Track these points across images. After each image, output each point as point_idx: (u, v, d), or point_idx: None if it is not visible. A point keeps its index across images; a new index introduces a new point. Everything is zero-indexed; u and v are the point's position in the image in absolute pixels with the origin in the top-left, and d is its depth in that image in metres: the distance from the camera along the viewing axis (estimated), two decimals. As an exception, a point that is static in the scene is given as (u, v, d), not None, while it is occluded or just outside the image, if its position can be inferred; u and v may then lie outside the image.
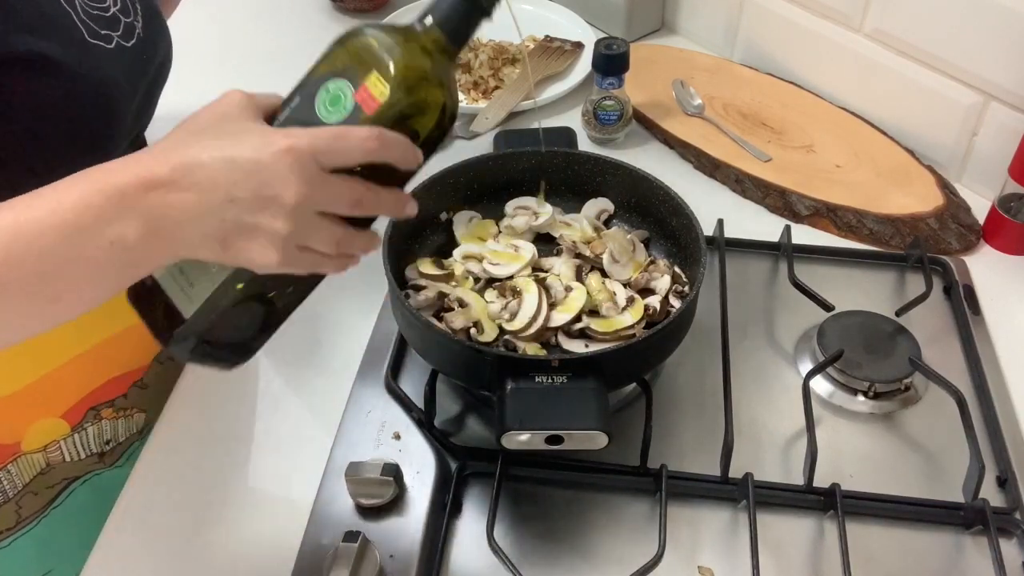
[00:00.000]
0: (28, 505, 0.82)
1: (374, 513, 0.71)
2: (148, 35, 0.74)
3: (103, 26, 0.69)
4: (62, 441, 0.81)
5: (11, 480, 0.79)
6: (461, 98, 1.15)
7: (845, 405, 0.81)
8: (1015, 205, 0.96)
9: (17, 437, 0.78)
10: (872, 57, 1.09)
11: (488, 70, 1.21)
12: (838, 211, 1.00)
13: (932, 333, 0.87)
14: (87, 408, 0.82)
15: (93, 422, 0.83)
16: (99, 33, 0.68)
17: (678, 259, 0.84)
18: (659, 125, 1.13)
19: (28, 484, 0.81)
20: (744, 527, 0.70)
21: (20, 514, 0.82)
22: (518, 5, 1.36)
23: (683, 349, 0.77)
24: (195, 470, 0.77)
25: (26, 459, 0.79)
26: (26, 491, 0.81)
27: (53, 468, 0.82)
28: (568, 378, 0.66)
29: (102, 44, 0.68)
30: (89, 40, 0.67)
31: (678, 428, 0.79)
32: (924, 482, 0.75)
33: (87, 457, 0.84)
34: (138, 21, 0.74)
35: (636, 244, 0.85)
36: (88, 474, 0.85)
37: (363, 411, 0.79)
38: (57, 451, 0.81)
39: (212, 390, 0.84)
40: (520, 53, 0.82)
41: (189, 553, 0.71)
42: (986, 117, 1.01)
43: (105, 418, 0.84)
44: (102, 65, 0.67)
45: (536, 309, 0.76)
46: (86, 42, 0.66)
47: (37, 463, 0.80)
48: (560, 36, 1.29)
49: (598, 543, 0.71)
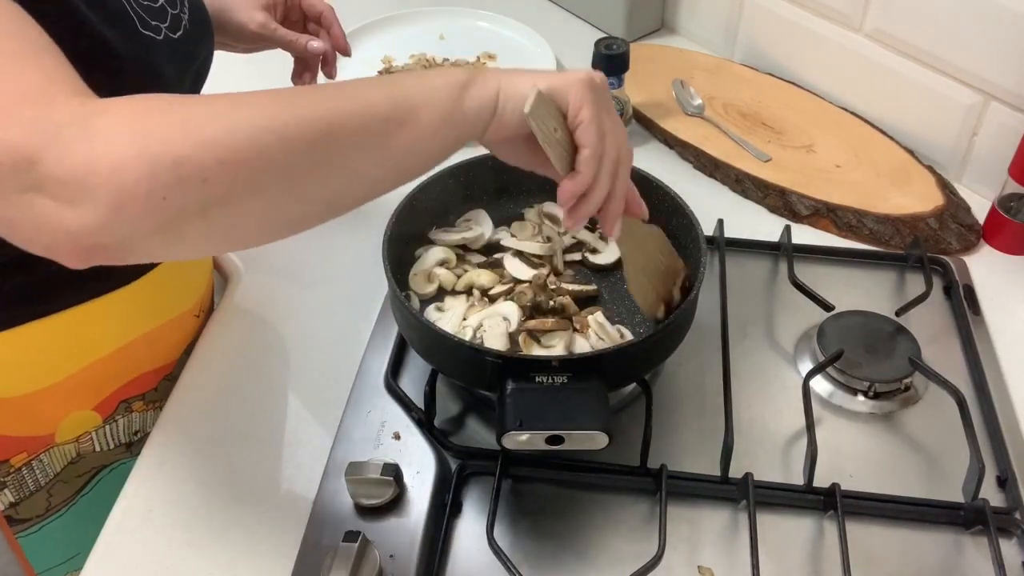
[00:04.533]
0: (59, 493, 0.84)
1: (374, 513, 0.71)
2: (194, 28, 0.75)
3: (153, 17, 0.69)
4: (93, 432, 0.83)
5: (43, 469, 0.82)
6: None
7: (845, 405, 0.81)
8: (1015, 205, 0.96)
9: (51, 429, 0.80)
10: (872, 57, 1.09)
11: None
12: (838, 211, 1.00)
13: (932, 333, 0.87)
14: (119, 401, 0.83)
15: (124, 414, 0.85)
16: (150, 24, 0.68)
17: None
18: (659, 125, 1.13)
19: (59, 473, 0.83)
20: (744, 527, 0.70)
21: (51, 502, 0.84)
22: (474, 22, 1.35)
23: (683, 349, 0.77)
24: (195, 470, 0.77)
25: (58, 449, 0.82)
26: (57, 480, 0.83)
27: (83, 458, 0.84)
28: (568, 378, 0.66)
29: (152, 35, 0.68)
30: (141, 31, 0.67)
31: (678, 428, 0.79)
32: (924, 482, 0.75)
33: (116, 447, 0.86)
34: (184, 13, 0.74)
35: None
36: (115, 463, 0.87)
37: (363, 411, 0.79)
38: (88, 442, 0.83)
39: (212, 390, 0.84)
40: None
41: (189, 553, 0.71)
42: (986, 117, 1.01)
43: (135, 410, 0.86)
44: (152, 56, 0.67)
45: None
46: (139, 32, 0.67)
47: (68, 453, 0.83)
48: (520, 54, 1.27)
49: (598, 543, 0.71)
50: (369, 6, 1.36)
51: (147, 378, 0.85)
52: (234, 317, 0.91)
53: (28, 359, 0.75)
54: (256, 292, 0.94)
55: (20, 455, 0.80)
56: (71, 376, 0.78)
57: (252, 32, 0.90)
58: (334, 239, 0.99)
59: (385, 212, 0.79)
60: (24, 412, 0.78)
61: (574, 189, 0.61)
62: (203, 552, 0.71)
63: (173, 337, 0.87)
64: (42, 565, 0.88)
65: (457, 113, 0.57)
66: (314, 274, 0.96)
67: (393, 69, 1.24)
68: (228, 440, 0.80)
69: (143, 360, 0.84)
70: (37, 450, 0.80)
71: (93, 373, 0.79)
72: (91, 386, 0.81)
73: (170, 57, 0.70)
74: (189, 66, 0.75)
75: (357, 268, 0.95)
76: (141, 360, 0.84)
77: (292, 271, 0.96)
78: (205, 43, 0.78)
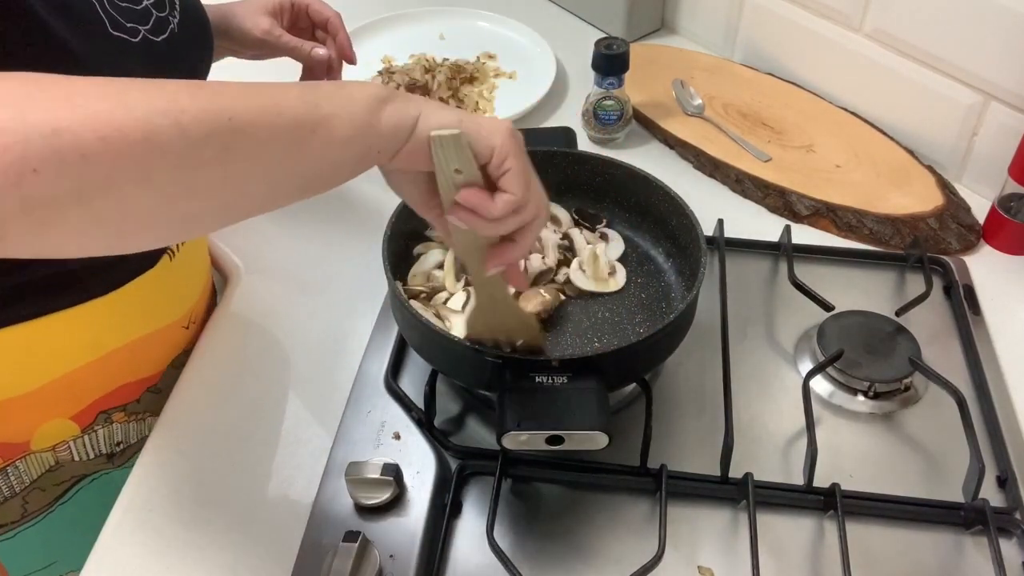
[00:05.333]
0: (35, 500, 0.82)
1: (374, 513, 0.71)
2: (183, 32, 0.73)
3: (130, 19, 0.67)
4: (71, 441, 0.81)
5: (19, 476, 0.80)
6: None
7: (845, 405, 0.81)
8: (1015, 205, 0.96)
9: (26, 436, 0.78)
10: (872, 57, 1.09)
11: (447, 90, 1.19)
12: (838, 211, 1.00)
13: (932, 333, 0.87)
14: (98, 411, 0.81)
15: (104, 425, 0.82)
16: (124, 26, 0.67)
17: (678, 259, 0.85)
18: (659, 125, 1.13)
19: (36, 480, 0.81)
20: (744, 527, 0.70)
21: (26, 508, 0.82)
22: (474, 22, 1.35)
23: (683, 349, 0.77)
24: (195, 470, 0.77)
25: (35, 457, 0.80)
26: (33, 487, 0.81)
27: (62, 466, 0.82)
28: (568, 378, 0.66)
29: (126, 37, 0.66)
30: (111, 32, 0.65)
31: (678, 428, 0.79)
32: (924, 482, 0.75)
33: (96, 457, 0.84)
34: (174, 17, 0.72)
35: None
36: (96, 473, 0.85)
37: (363, 411, 0.79)
38: (66, 450, 0.81)
39: (212, 390, 0.84)
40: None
41: (189, 553, 0.71)
42: (986, 117, 1.01)
43: (116, 421, 0.83)
44: (121, 59, 0.66)
45: None
46: (108, 34, 0.65)
47: (46, 461, 0.81)
48: (519, 55, 1.27)
49: (598, 543, 0.71)
50: (369, 6, 1.36)
51: (129, 389, 0.83)
52: (234, 317, 0.91)
53: (1, 365, 0.73)
54: (256, 292, 0.94)
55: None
56: (46, 385, 0.75)
57: (256, 38, 0.89)
58: (334, 239, 0.99)
59: (384, 212, 0.79)
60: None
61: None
62: (203, 552, 0.71)
63: (158, 349, 0.84)
64: (19, 571, 0.86)
65: (372, 127, 0.54)
66: (314, 274, 0.96)
67: (393, 69, 1.24)
68: (228, 440, 0.80)
69: (124, 371, 0.82)
70: (11, 457, 0.78)
71: (71, 382, 0.77)
72: (68, 395, 0.78)
73: (146, 60, 0.68)
74: (175, 69, 0.73)
75: (357, 268, 0.95)
76: (122, 371, 0.81)
77: (292, 271, 0.96)
78: (198, 48, 0.77)
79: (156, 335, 0.83)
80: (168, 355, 0.86)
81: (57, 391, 0.77)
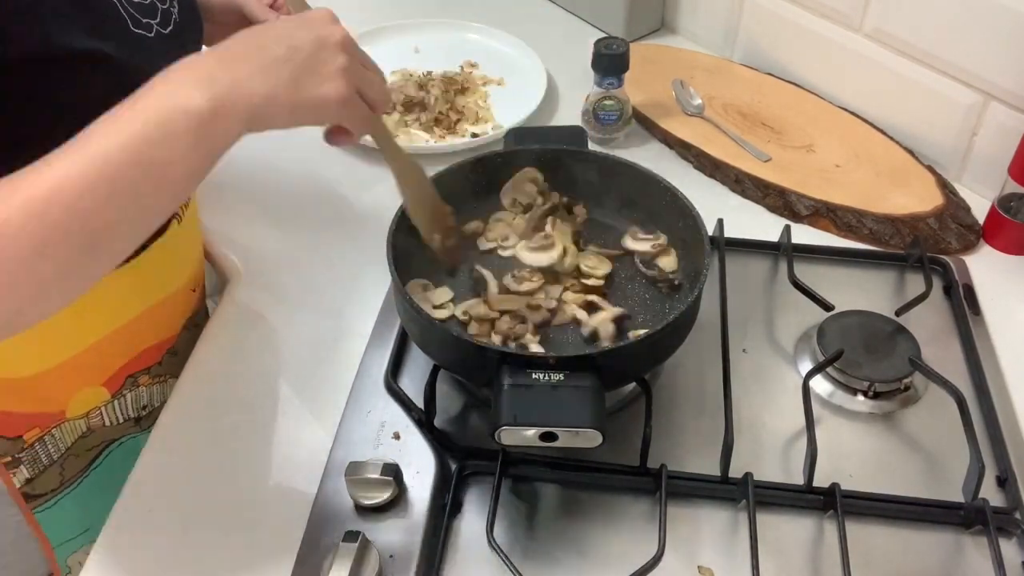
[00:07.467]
0: (71, 467, 0.87)
1: (374, 513, 0.71)
2: (184, 22, 0.75)
3: (143, 14, 0.69)
4: (103, 407, 0.86)
5: (55, 444, 0.84)
6: (426, 138, 1.13)
7: (845, 405, 0.81)
8: (1015, 205, 0.96)
9: (62, 405, 0.82)
10: (872, 57, 1.09)
11: (444, 103, 1.18)
12: (838, 211, 1.00)
13: (932, 333, 0.87)
14: (126, 376, 0.86)
15: (131, 388, 0.87)
16: (141, 22, 0.68)
17: (681, 259, 0.84)
18: (659, 125, 1.13)
19: (71, 447, 0.85)
20: (744, 527, 0.70)
21: (64, 476, 0.86)
22: (464, 35, 1.33)
23: (683, 349, 0.77)
24: (195, 470, 0.77)
25: (69, 424, 0.84)
26: (69, 454, 0.86)
27: (93, 432, 0.86)
28: (565, 376, 0.66)
29: (144, 34, 0.68)
30: (133, 30, 0.67)
31: (678, 428, 0.79)
32: (924, 482, 0.75)
33: (124, 421, 0.89)
34: (174, 7, 0.74)
35: None
36: (124, 437, 0.89)
37: (363, 411, 0.79)
38: (98, 416, 0.86)
39: (212, 390, 0.84)
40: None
41: (189, 552, 0.71)
42: (986, 117, 1.01)
43: (142, 384, 0.89)
44: (146, 55, 0.67)
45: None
46: (132, 32, 0.67)
47: (79, 428, 0.85)
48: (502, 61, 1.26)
49: (598, 543, 0.71)
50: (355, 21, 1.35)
51: (151, 352, 0.88)
52: (234, 317, 0.91)
53: (36, 339, 0.75)
54: (256, 292, 0.94)
55: (33, 431, 0.81)
56: (78, 355, 0.80)
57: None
58: (334, 239, 0.99)
59: (384, 213, 0.79)
60: (35, 390, 0.79)
61: None
62: (203, 552, 0.71)
63: (173, 312, 0.90)
64: (58, 539, 0.90)
65: (208, 127, 0.56)
66: (314, 274, 0.96)
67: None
68: (228, 440, 0.80)
69: (146, 335, 0.87)
70: (48, 425, 0.82)
71: (99, 350, 0.82)
72: (98, 363, 0.83)
73: (162, 54, 0.68)
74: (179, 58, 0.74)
75: (357, 268, 0.95)
76: (144, 335, 0.87)
77: (292, 271, 0.96)
78: (194, 33, 0.78)
79: (170, 299, 0.88)
80: (181, 316, 0.92)
81: (89, 359, 0.81)
